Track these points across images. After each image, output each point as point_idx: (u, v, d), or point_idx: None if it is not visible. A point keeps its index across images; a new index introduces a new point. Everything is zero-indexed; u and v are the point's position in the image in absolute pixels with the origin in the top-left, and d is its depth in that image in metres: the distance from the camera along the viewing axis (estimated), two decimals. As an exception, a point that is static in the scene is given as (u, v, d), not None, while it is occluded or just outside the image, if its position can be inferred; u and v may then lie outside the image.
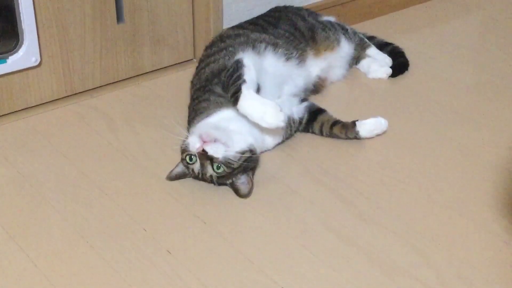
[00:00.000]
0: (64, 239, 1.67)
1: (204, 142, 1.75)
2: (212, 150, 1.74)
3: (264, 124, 1.78)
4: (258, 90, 1.88)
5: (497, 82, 2.34)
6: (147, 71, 2.32)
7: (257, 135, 1.87)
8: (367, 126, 2.00)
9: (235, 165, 1.76)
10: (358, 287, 1.55)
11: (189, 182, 1.84)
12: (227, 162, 1.75)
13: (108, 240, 1.66)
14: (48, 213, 1.74)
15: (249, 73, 1.85)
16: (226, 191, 1.82)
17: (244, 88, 1.79)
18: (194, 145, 1.76)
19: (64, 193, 1.81)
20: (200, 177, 1.79)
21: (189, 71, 2.19)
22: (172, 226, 1.71)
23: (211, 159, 1.75)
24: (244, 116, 1.80)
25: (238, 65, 1.88)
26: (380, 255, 1.63)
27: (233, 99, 1.81)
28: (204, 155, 1.75)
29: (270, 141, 1.95)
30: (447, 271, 1.59)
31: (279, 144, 1.99)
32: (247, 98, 1.78)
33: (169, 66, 2.36)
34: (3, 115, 2.09)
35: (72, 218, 1.72)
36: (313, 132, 2.05)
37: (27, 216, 1.73)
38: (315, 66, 2.19)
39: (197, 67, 2.11)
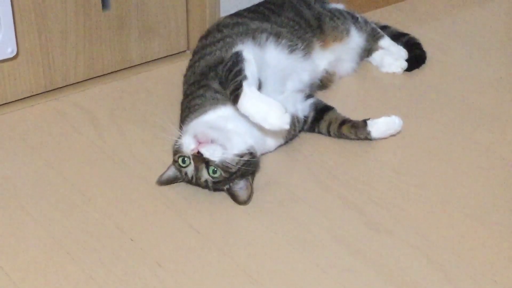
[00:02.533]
0: (42, 250, 1.66)
1: (200, 143, 1.75)
2: (208, 152, 1.74)
3: (266, 126, 1.78)
4: (259, 86, 1.88)
5: (524, 77, 2.35)
6: (136, 63, 2.32)
7: (258, 136, 1.87)
8: (379, 126, 2.01)
9: (233, 169, 1.76)
10: (369, 304, 1.56)
11: (181, 187, 1.84)
12: (224, 166, 1.75)
13: (90, 251, 1.66)
14: (24, 220, 1.74)
15: (250, 67, 1.85)
16: (223, 197, 1.81)
17: (245, 85, 1.79)
18: (189, 146, 1.76)
19: (43, 198, 1.80)
20: (194, 181, 1.79)
21: (182, 64, 2.19)
22: (163, 236, 1.71)
23: (207, 162, 1.75)
24: (244, 115, 1.80)
25: (238, 58, 1.87)
26: (394, 269, 1.63)
27: (233, 96, 1.80)
28: (199, 158, 1.75)
29: (271, 142, 1.95)
30: (468, 287, 1.59)
31: (281, 145, 1.99)
32: (249, 96, 1.78)
33: (160, 58, 2.36)
34: (-25, 112, 2.10)
35: (51, 227, 1.72)
36: (319, 132, 2.05)
37: (0, 223, 1.73)
38: (322, 59, 2.19)
39: (191, 60, 2.11)
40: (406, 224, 1.75)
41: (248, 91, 1.78)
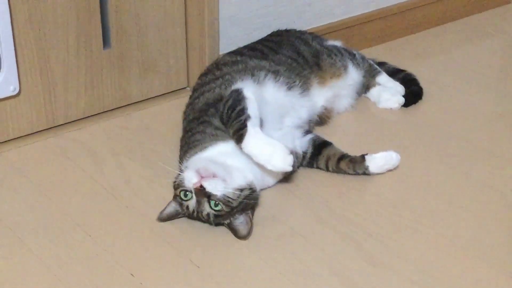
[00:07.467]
0: (42, 286, 1.66)
1: (202, 177, 1.76)
2: (210, 186, 1.76)
3: (269, 167, 1.80)
4: (260, 123, 1.89)
5: (519, 112, 2.37)
6: (136, 100, 2.34)
7: (257, 172, 1.88)
8: (377, 161, 2.02)
9: (234, 204, 1.77)
10: (367, 338, 1.56)
11: (181, 223, 1.85)
12: (226, 200, 1.76)
13: (91, 287, 1.66)
14: (26, 257, 1.74)
15: (252, 106, 1.87)
16: (222, 232, 1.82)
17: (249, 125, 1.81)
18: (191, 180, 1.77)
19: (44, 235, 1.81)
20: (195, 215, 1.80)
21: (182, 101, 2.20)
22: (163, 271, 1.72)
23: (209, 196, 1.76)
24: (245, 153, 1.81)
25: (239, 96, 1.89)
26: (392, 303, 1.63)
27: (237, 136, 1.82)
28: (201, 191, 1.76)
29: (270, 178, 1.96)
30: (465, 321, 1.60)
31: (280, 181, 1.99)
32: (253, 137, 1.80)
33: (160, 95, 2.38)
34: (-23, 149, 2.11)
35: (52, 263, 1.72)
36: (318, 167, 2.06)
37: (2, 260, 1.73)
38: (320, 95, 2.21)
39: (190, 97, 2.13)
40: (404, 258, 1.75)
41: (253, 132, 1.80)
